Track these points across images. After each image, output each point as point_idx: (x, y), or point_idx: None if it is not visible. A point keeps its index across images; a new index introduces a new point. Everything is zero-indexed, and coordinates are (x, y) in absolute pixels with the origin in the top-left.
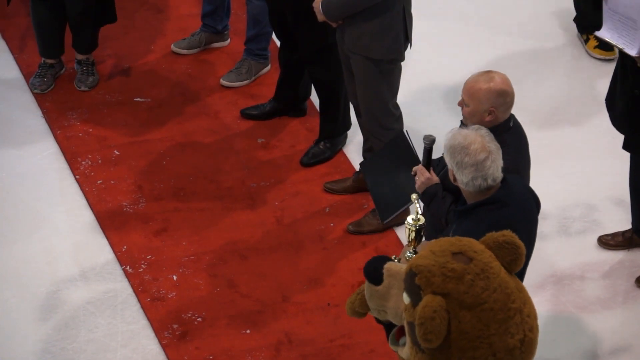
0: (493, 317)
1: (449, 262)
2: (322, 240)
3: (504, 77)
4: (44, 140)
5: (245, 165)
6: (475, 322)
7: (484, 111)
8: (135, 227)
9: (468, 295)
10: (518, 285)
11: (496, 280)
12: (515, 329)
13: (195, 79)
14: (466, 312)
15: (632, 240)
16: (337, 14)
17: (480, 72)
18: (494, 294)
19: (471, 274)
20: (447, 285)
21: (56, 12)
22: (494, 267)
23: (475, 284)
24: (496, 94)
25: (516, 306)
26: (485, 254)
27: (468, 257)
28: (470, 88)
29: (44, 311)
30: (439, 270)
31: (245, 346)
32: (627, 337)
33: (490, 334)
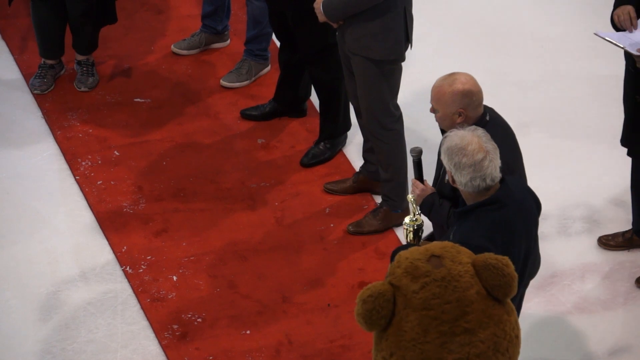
0: (435, 326)
1: (419, 260)
2: (322, 240)
3: (467, 77)
4: (44, 141)
5: (245, 165)
6: (415, 324)
7: (452, 114)
8: (136, 228)
9: (417, 295)
10: (491, 312)
11: (455, 294)
12: (457, 348)
13: (195, 80)
14: (410, 312)
15: (632, 240)
16: (338, 14)
17: (444, 76)
18: (446, 305)
19: (430, 278)
20: (403, 279)
21: (57, 13)
22: (460, 282)
23: (428, 288)
24: (461, 95)
25: (468, 326)
26: (462, 268)
27: (442, 263)
28: (436, 93)
29: (44, 312)
30: (405, 263)
31: (246, 347)
32: (628, 338)
33: (426, 341)
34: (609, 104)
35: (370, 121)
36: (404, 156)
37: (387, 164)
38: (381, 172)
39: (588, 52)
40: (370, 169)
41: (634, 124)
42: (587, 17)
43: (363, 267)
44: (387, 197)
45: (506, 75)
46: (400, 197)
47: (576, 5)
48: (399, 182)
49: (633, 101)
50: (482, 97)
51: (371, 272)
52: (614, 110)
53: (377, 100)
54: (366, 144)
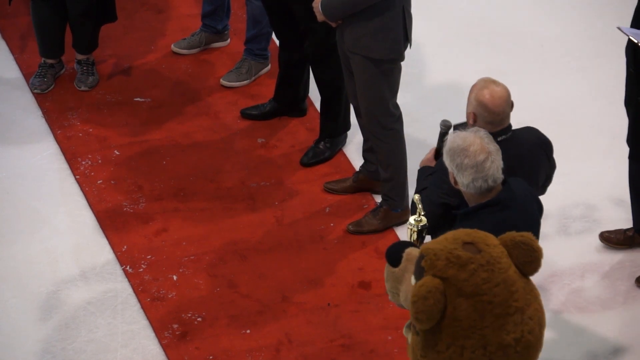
0: (490, 310)
1: (457, 249)
2: (322, 240)
3: (498, 92)
4: (44, 141)
5: (245, 165)
6: (470, 311)
7: (468, 112)
8: (136, 227)
9: (467, 283)
10: (528, 288)
11: (501, 276)
12: (513, 327)
13: (195, 79)
14: (463, 300)
15: (633, 239)
16: (337, 13)
17: (489, 78)
18: (496, 288)
19: (475, 264)
20: (449, 270)
21: (57, 12)
22: (502, 263)
23: (477, 274)
24: (479, 103)
25: (518, 305)
26: (498, 249)
27: (478, 248)
28: (473, 85)
29: (44, 311)
30: (444, 254)
31: (246, 346)
32: (628, 338)
33: (484, 325)
34: (608, 103)
35: (370, 121)
36: (403, 156)
37: (387, 163)
38: (381, 171)
39: (588, 51)
40: (370, 168)
41: (636, 126)
42: (587, 17)
43: (363, 266)
44: (387, 196)
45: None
46: (400, 196)
47: (576, 5)
48: (399, 181)
49: (635, 103)
50: (498, 119)
51: (371, 271)
52: (614, 109)
53: (376, 100)
54: (366, 143)
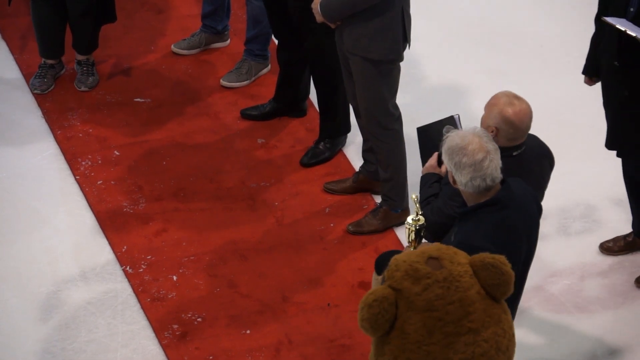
0: (440, 327)
1: (419, 262)
2: (322, 240)
3: (524, 109)
4: (44, 141)
5: (245, 165)
6: (419, 326)
7: (488, 126)
8: (136, 228)
9: (420, 297)
10: (491, 311)
11: (457, 294)
12: (463, 347)
13: (196, 80)
14: (413, 314)
15: (634, 243)
16: (336, 14)
17: (512, 93)
18: (449, 306)
19: (431, 279)
20: (404, 282)
21: (57, 12)
22: (462, 282)
23: (431, 289)
24: (503, 119)
25: (472, 326)
26: (462, 267)
27: (441, 264)
28: (492, 99)
29: (45, 311)
30: (404, 267)
31: (246, 346)
32: (627, 338)
33: (431, 342)
34: None
35: (370, 121)
36: (403, 156)
37: (387, 163)
38: (381, 171)
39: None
40: (370, 168)
41: (621, 122)
42: (587, 17)
43: (363, 266)
44: (386, 196)
45: (505, 75)
46: (400, 196)
47: (576, 5)
48: (399, 181)
49: (618, 98)
50: (520, 135)
51: (371, 271)
52: None
53: (376, 100)
54: (366, 143)
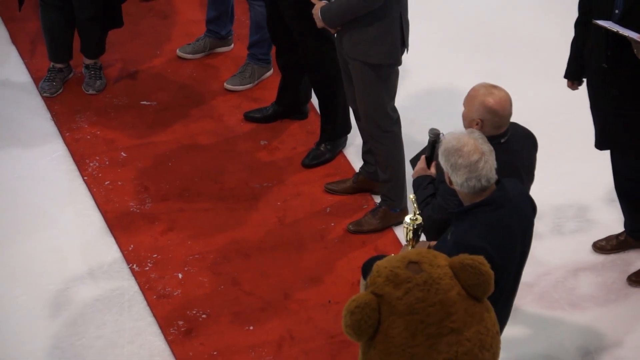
0: (422, 329)
1: (398, 267)
2: (323, 239)
3: (503, 96)
4: (53, 143)
5: (248, 166)
6: (402, 329)
7: (472, 119)
8: (142, 227)
9: (401, 301)
10: (473, 310)
11: (438, 297)
12: (446, 348)
13: (200, 83)
14: (396, 318)
15: (626, 242)
16: (336, 20)
17: (488, 84)
18: (430, 308)
19: (412, 283)
20: (385, 288)
21: (65, 18)
22: (442, 284)
23: (412, 293)
24: (486, 109)
25: (454, 326)
26: (442, 270)
27: (421, 268)
28: (470, 94)
29: (53, 308)
30: (385, 272)
31: (249, 342)
32: (619, 334)
33: (415, 344)
34: None
35: (369, 124)
36: (402, 157)
37: (386, 164)
38: (380, 172)
39: None
40: (369, 169)
41: (612, 122)
42: None
43: None
44: (385, 197)
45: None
46: (399, 197)
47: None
48: (397, 182)
49: (607, 99)
50: (505, 122)
51: None
52: None
53: (375, 104)
54: (365, 145)
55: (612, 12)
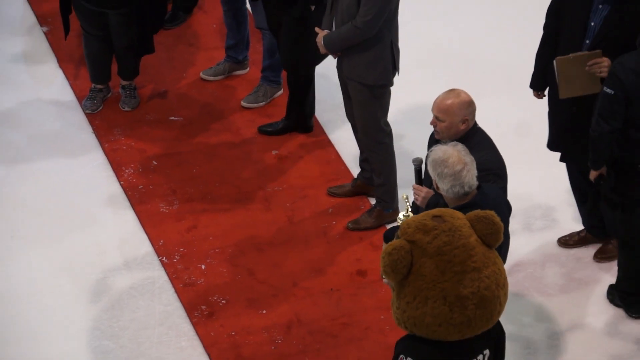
0: (450, 268)
1: (425, 219)
2: (326, 235)
3: (464, 91)
4: (93, 153)
5: (261, 173)
6: (433, 268)
7: (458, 122)
8: (170, 225)
9: (431, 245)
10: (489, 254)
11: (461, 241)
12: (470, 283)
13: (220, 101)
14: (427, 259)
15: (586, 238)
16: (336, 47)
17: (446, 92)
18: (455, 250)
19: (438, 230)
20: (416, 235)
21: (104, 45)
22: (463, 231)
23: (440, 238)
24: (467, 105)
25: (475, 265)
26: (461, 221)
27: (444, 219)
28: (442, 105)
29: (94, 295)
30: (415, 224)
31: (262, 324)
32: (581, 316)
33: (444, 280)
34: None
35: (365, 136)
36: (393, 165)
37: (380, 171)
38: (375, 178)
39: None
40: (365, 175)
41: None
42: None
43: (360, 257)
44: (380, 199)
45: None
46: (391, 199)
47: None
48: (390, 186)
49: (565, 112)
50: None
51: (367, 261)
52: None
53: (370, 119)
54: (362, 155)
55: (583, 42)
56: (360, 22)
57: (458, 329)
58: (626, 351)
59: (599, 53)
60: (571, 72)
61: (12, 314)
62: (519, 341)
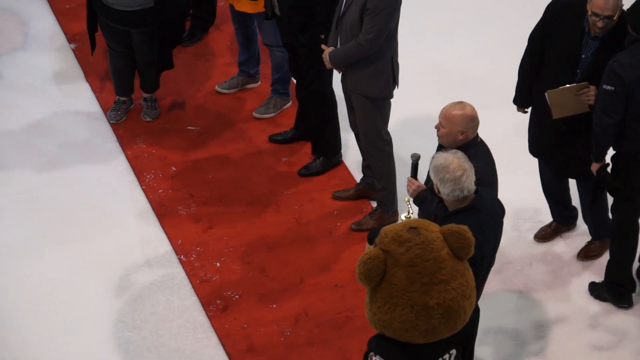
0: (419, 279)
1: (402, 230)
2: (331, 235)
3: (472, 106)
4: (117, 160)
5: (272, 178)
6: (403, 278)
7: (457, 132)
8: (188, 226)
9: (404, 256)
10: (458, 267)
11: (432, 254)
12: (436, 294)
13: (234, 112)
14: (398, 269)
15: (558, 229)
16: (341, 63)
17: (455, 102)
18: (426, 263)
19: (412, 243)
20: (391, 245)
21: (128, 61)
22: (435, 245)
23: (412, 250)
24: (468, 119)
25: (443, 278)
26: (435, 234)
27: (419, 232)
28: (447, 114)
29: (118, 290)
30: (391, 234)
31: (272, 317)
32: (565, 311)
33: (413, 290)
34: None
35: (367, 144)
36: (393, 171)
37: (381, 177)
38: (376, 183)
39: None
40: (367, 180)
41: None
42: None
43: None
44: (380, 202)
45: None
46: (391, 202)
47: None
48: (390, 190)
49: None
50: (478, 125)
51: None
52: None
53: (372, 128)
54: (364, 161)
55: (575, 71)
56: (363, 40)
57: (423, 335)
58: (607, 342)
59: (586, 84)
60: (562, 101)
61: (43, 307)
62: (508, 333)
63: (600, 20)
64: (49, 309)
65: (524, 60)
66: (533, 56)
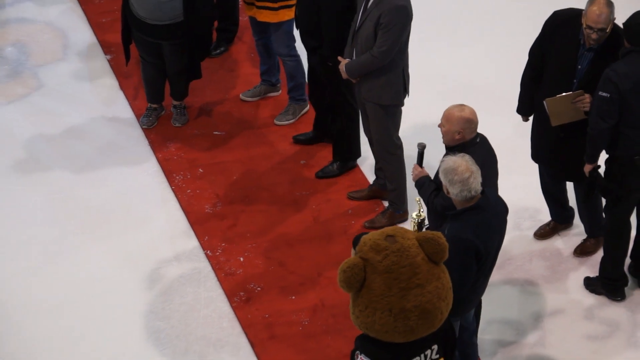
0: (396, 284)
1: (379, 239)
2: (346, 233)
3: (472, 109)
4: (149, 162)
5: (292, 179)
6: (381, 284)
7: (454, 132)
8: (214, 223)
9: (381, 264)
10: (433, 271)
11: (408, 260)
12: (413, 298)
13: (257, 119)
14: (377, 276)
15: (556, 227)
16: (356, 73)
17: (456, 104)
18: (402, 269)
19: (389, 250)
20: (369, 253)
21: (159, 71)
22: (410, 252)
23: (389, 258)
24: (464, 121)
25: (419, 282)
26: (410, 242)
27: (395, 240)
28: (447, 114)
29: (149, 283)
30: (370, 242)
31: (292, 308)
32: (562, 303)
33: (391, 294)
34: None
35: (380, 149)
36: (404, 173)
37: (392, 179)
38: (388, 184)
39: None
40: (380, 182)
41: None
42: None
43: None
44: (392, 202)
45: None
46: (401, 202)
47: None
48: (400, 191)
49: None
50: (476, 127)
51: None
52: None
53: (384, 134)
54: (377, 164)
55: (572, 81)
56: (377, 52)
57: (403, 335)
58: (601, 332)
59: (581, 92)
60: (560, 108)
61: (79, 299)
62: (510, 323)
63: (594, 33)
64: (86, 302)
65: (525, 73)
66: (533, 69)
